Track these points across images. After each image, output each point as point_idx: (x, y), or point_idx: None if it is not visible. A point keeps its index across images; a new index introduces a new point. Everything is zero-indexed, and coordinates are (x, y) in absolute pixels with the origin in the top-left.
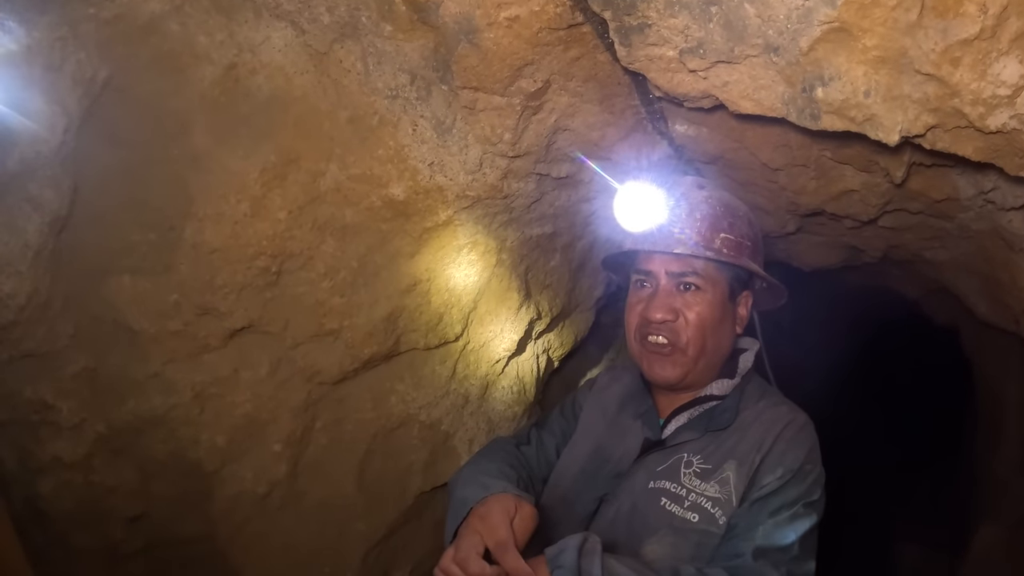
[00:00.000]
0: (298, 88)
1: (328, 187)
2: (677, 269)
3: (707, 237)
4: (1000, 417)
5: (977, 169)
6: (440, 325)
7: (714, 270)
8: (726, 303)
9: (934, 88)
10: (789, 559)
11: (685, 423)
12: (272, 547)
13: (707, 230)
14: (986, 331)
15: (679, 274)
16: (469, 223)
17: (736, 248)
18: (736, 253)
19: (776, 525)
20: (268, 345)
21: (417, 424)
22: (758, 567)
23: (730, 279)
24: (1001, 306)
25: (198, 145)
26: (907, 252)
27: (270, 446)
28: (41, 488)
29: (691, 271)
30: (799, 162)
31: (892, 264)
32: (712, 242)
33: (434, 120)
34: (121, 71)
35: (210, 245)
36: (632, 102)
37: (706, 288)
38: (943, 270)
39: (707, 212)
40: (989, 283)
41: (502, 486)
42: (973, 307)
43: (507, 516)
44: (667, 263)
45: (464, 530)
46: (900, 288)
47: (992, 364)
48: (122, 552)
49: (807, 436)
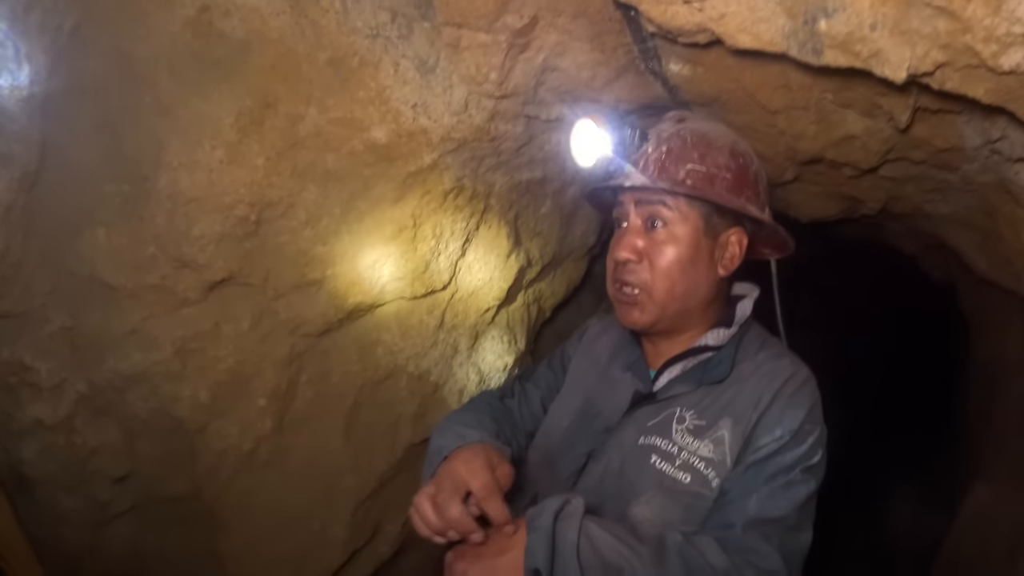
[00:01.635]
0: (274, 30)
1: (308, 132)
2: (643, 205)
3: (671, 170)
4: (996, 376)
5: (985, 116)
6: (426, 273)
7: (684, 205)
8: (700, 240)
9: (945, 23)
10: (783, 529)
11: (678, 375)
12: (260, 503)
13: (671, 163)
14: (985, 288)
15: (645, 210)
16: (455, 167)
17: (705, 180)
18: (704, 185)
19: (771, 493)
20: (249, 297)
21: (405, 375)
22: (748, 539)
23: (705, 214)
24: (1002, 263)
25: (170, 92)
26: (907, 205)
27: (255, 401)
28: (24, 452)
29: (656, 206)
30: (799, 104)
31: (891, 218)
32: (675, 174)
33: (417, 60)
34: (89, 18)
35: (185, 195)
36: (624, 40)
37: (673, 223)
38: (943, 224)
39: (675, 144)
40: (991, 239)
41: (479, 436)
42: (973, 263)
43: (490, 465)
44: (633, 197)
45: (444, 470)
46: (898, 243)
47: (989, 322)
48: (109, 513)
49: (808, 393)
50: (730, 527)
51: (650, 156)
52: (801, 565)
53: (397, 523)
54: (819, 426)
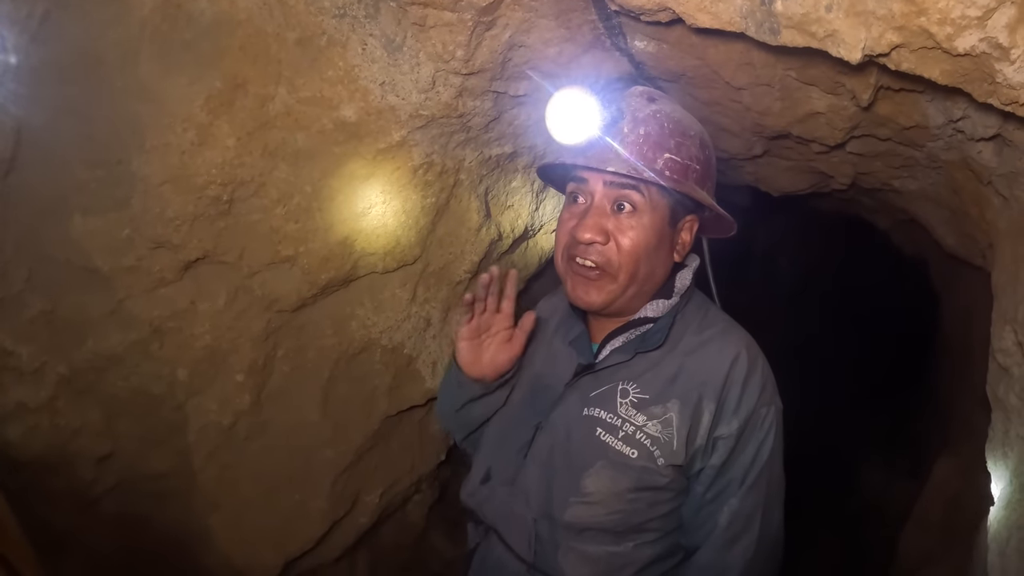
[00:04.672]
0: (242, 11)
1: (278, 111)
2: (614, 187)
3: (649, 157)
4: (964, 351)
5: (947, 96)
6: (397, 248)
7: (656, 193)
8: (665, 228)
9: (900, 5)
10: (759, 523)
11: (619, 347)
12: (241, 477)
13: (649, 149)
14: (954, 264)
15: (615, 193)
16: (424, 143)
17: (681, 171)
18: (680, 177)
19: (743, 494)
20: (224, 275)
21: (379, 348)
22: (727, 544)
23: (672, 204)
24: (969, 239)
25: (142, 75)
26: (876, 180)
27: (232, 377)
28: (8, 435)
29: (628, 191)
30: (763, 81)
31: (862, 192)
32: (654, 162)
33: (384, 38)
34: (58, 5)
35: (159, 177)
36: (589, 17)
37: (643, 210)
38: (912, 201)
39: (652, 129)
40: (957, 215)
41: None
42: (941, 239)
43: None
44: (604, 179)
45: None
46: (870, 218)
47: (959, 298)
48: (94, 492)
49: (759, 375)
50: (711, 531)
51: (627, 138)
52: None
53: (375, 494)
54: (774, 405)
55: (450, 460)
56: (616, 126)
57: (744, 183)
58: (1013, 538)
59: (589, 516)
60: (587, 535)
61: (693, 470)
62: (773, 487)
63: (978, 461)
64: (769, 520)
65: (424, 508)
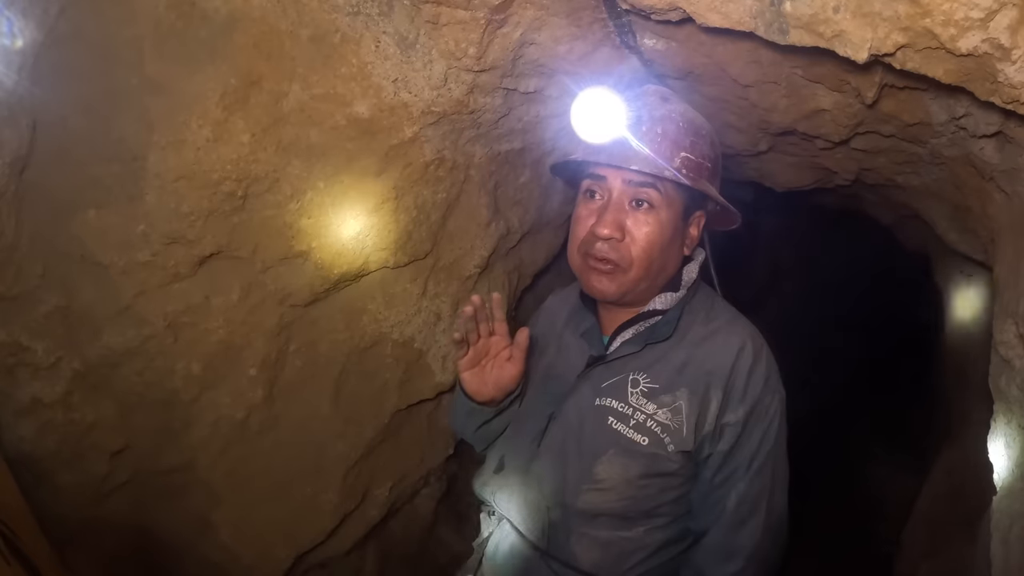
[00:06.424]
0: (256, 8)
1: (291, 108)
2: (633, 185)
3: (667, 155)
4: (966, 346)
5: (950, 94)
6: (409, 243)
7: (671, 189)
8: (678, 223)
9: (905, 6)
10: (765, 506)
11: (629, 338)
12: (253, 471)
13: (668, 148)
14: (956, 259)
15: (634, 191)
16: (436, 139)
17: (696, 169)
18: (695, 175)
19: (750, 479)
20: (238, 270)
21: (390, 342)
22: (735, 527)
23: (686, 200)
24: (971, 235)
25: (156, 72)
26: (880, 176)
27: (246, 371)
28: (23, 430)
29: (648, 188)
30: (770, 79)
31: (866, 188)
32: (672, 160)
33: (397, 36)
34: (74, 2)
35: (174, 173)
36: (600, 15)
37: (660, 207)
38: (915, 196)
39: (669, 128)
40: (960, 211)
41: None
42: (943, 234)
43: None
44: (623, 176)
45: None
46: (874, 213)
47: (961, 292)
48: (107, 486)
49: (764, 364)
50: (719, 516)
51: (646, 136)
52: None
53: (385, 487)
54: (778, 393)
55: (458, 454)
56: (635, 125)
57: (748, 179)
58: (1015, 526)
59: (601, 502)
60: (599, 521)
61: (702, 456)
62: (778, 472)
63: (980, 452)
64: (775, 503)
65: (432, 501)
